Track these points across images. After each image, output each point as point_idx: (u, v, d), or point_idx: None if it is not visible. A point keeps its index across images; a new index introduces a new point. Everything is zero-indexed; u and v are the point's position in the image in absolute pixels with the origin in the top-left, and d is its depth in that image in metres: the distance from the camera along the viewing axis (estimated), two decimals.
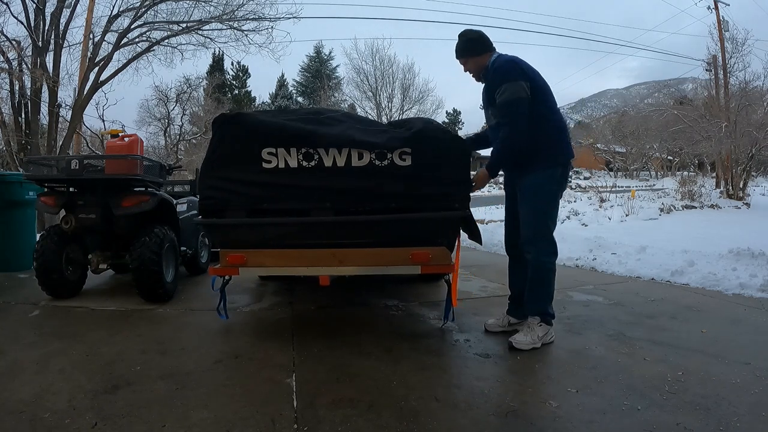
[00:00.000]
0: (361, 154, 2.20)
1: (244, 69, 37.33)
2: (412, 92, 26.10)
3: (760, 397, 1.72)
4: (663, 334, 2.47)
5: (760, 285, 3.39)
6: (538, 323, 2.28)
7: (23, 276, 4.04)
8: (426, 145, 2.23)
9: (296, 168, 2.24)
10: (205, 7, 9.76)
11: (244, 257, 2.34)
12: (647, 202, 11.51)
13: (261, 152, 2.24)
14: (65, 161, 3.18)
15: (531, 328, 2.27)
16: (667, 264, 4.10)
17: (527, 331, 2.27)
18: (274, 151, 2.23)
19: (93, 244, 3.45)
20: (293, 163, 2.23)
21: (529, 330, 2.27)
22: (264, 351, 2.23)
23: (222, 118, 2.36)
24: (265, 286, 3.68)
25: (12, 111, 8.63)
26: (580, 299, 3.28)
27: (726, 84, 14.26)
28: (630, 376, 1.91)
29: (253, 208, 2.29)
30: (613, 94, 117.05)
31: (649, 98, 43.92)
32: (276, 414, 1.59)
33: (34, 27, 8.36)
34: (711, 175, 16.11)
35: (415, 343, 2.34)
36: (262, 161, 2.24)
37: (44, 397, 1.70)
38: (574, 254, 4.96)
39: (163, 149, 20.36)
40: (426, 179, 2.23)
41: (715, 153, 13.73)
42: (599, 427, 1.53)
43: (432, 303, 3.14)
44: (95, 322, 2.70)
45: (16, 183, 4.26)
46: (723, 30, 14.47)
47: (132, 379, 1.87)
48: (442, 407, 1.67)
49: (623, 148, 37.88)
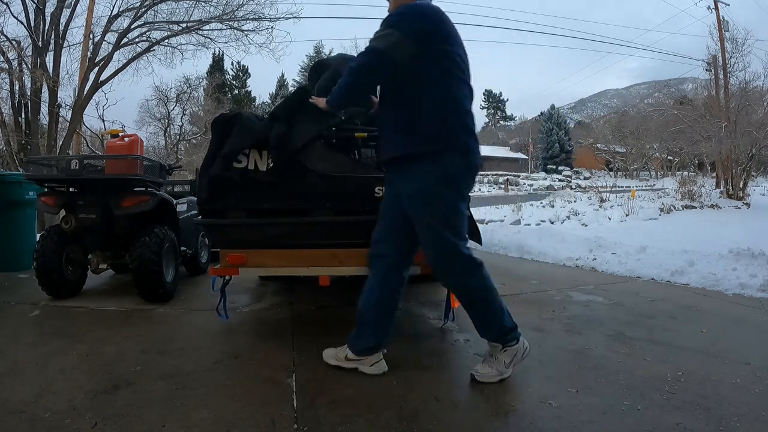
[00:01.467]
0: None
1: (244, 69, 37.38)
2: None
3: (760, 397, 1.72)
4: (663, 334, 2.47)
5: (760, 285, 3.39)
6: (501, 349, 1.89)
7: (23, 276, 4.04)
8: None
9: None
10: (205, 7, 9.77)
11: (244, 257, 2.34)
12: (647, 202, 11.52)
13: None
14: (65, 161, 3.18)
15: (494, 357, 1.90)
16: (667, 264, 4.10)
17: (491, 361, 1.90)
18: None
19: (93, 244, 3.44)
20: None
21: (492, 360, 1.90)
22: (264, 351, 2.23)
23: (222, 119, 2.36)
24: (265, 286, 3.68)
25: (12, 111, 8.63)
26: (580, 299, 3.28)
27: (726, 84, 14.26)
28: (630, 376, 1.91)
29: (253, 207, 2.29)
30: (613, 94, 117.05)
31: (649, 98, 44.00)
32: (276, 414, 1.59)
33: (34, 27, 8.36)
34: (711, 175, 16.11)
35: (415, 343, 2.34)
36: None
37: (44, 397, 1.70)
38: (574, 254, 4.96)
39: (163, 149, 20.36)
40: None
41: (715, 153, 13.73)
42: (599, 427, 1.53)
43: (432, 303, 3.14)
44: (95, 322, 2.70)
45: (16, 183, 4.26)
46: (723, 30, 14.48)
47: (132, 379, 1.87)
48: (442, 407, 1.67)
49: (623, 148, 37.93)
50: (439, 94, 1.78)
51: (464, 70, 1.84)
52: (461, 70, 1.82)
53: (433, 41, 1.75)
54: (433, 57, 1.75)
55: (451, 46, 1.79)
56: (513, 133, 57.26)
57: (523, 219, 10.15)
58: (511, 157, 46.06)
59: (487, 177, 35.23)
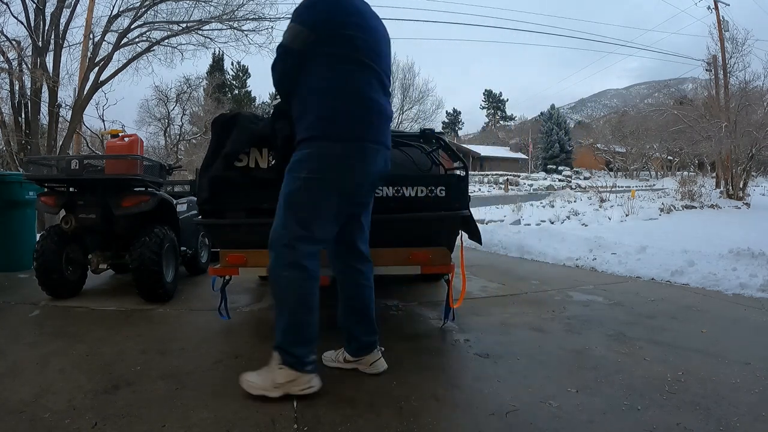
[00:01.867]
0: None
1: (244, 69, 37.39)
2: (412, 92, 26.09)
3: (760, 397, 1.71)
4: (663, 334, 2.47)
5: (760, 285, 3.39)
6: (278, 364, 1.67)
7: (23, 276, 4.04)
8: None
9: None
10: (205, 7, 9.78)
11: (244, 257, 2.34)
12: (647, 202, 11.53)
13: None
14: (65, 161, 3.18)
15: (270, 369, 1.69)
16: (667, 264, 4.10)
17: (265, 370, 1.70)
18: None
19: (93, 244, 3.44)
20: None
21: (267, 370, 1.70)
22: (264, 351, 2.21)
23: (221, 119, 2.36)
24: (265, 286, 3.68)
25: (12, 111, 8.64)
26: (580, 299, 3.28)
27: (726, 84, 14.27)
28: (630, 376, 1.91)
29: (253, 207, 2.29)
30: (613, 94, 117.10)
31: (649, 98, 44.01)
32: (276, 414, 1.59)
33: (34, 27, 8.36)
34: (711, 175, 16.12)
35: (415, 343, 2.34)
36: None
37: (44, 397, 1.70)
38: (574, 254, 4.97)
39: (163, 149, 20.37)
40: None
41: (715, 153, 13.74)
42: (599, 427, 1.53)
43: (432, 303, 3.14)
44: (95, 322, 2.70)
45: (16, 183, 4.26)
46: (723, 30, 14.48)
47: (132, 379, 1.87)
48: (442, 407, 1.67)
49: (623, 148, 37.94)
50: (325, 81, 1.72)
51: (368, 55, 1.75)
52: (365, 55, 1.74)
53: (329, 27, 1.70)
54: (326, 43, 1.71)
55: (353, 30, 1.72)
56: (513, 133, 57.25)
57: (523, 219, 10.15)
58: (511, 157, 46.05)
59: (487, 177, 35.22)
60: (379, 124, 1.79)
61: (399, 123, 25.07)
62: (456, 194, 2.28)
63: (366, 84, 1.76)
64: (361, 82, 1.75)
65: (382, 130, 1.80)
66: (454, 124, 59.55)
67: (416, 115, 25.56)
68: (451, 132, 54.73)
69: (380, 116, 1.79)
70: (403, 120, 25.52)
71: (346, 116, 1.71)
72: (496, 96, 68.11)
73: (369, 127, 1.74)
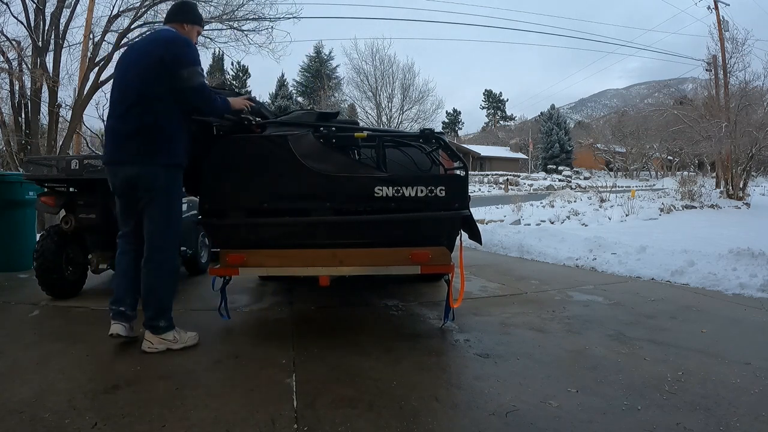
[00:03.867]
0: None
1: (244, 69, 37.36)
2: (412, 92, 26.04)
3: (760, 397, 1.72)
4: (663, 334, 2.47)
5: (760, 285, 3.39)
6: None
7: (23, 276, 4.04)
8: None
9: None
10: (205, 7, 9.74)
11: (244, 257, 2.34)
12: (647, 202, 11.53)
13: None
14: (65, 161, 3.18)
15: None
16: (667, 264, 4.10)
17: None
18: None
19: (93, 244, 3.44)
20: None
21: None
22: (264, 351, 2.23)
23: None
24: (265, 286, 3.68)
25: (12, 111, 8.62)
26: (580, 299, 3.28)
27: (726, 84, 14.26)
28: (630, 376, 1.91)
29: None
30: (613, 94, 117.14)
31: (649, 98, 43.94)
32: (276, 414, 1.59)
33: (34, 27, 8.35)
34: (711, 175, 16.13)
35: (415, 343, 2.34)
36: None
37: (44, 397, 1.70)
38: (574, 254, 4.96)
39: None
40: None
41: (715, 153, 13.74)
42: (599, 427, 1.53)
43: (432, 303, 3.14)
44: (95, 322, 2.69)
45: (16, 183, 4.26)
46: (723, 30, 14.47)
47: (132, 379, 1.87)
48: (442, 407, 1.67)
49: (623, 148, 37.96)
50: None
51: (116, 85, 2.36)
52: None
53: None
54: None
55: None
56: (513, 133, 57.18)
57: (523, 219, 10.15)
58: (511, 157, 46.00)
59: (487, 177, 35.19)
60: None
61: (399, 123, 25.04)
62: (456, 194, 2.28)
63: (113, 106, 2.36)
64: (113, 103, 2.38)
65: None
66: (454, 124, 59.49)
67: (416, 115, 25.50)
68: (451, 132, 54.65)
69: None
70: (403, 120, 25.51)
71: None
72: (496, 96, 68.08)
73: (106, 144, 2.33)
